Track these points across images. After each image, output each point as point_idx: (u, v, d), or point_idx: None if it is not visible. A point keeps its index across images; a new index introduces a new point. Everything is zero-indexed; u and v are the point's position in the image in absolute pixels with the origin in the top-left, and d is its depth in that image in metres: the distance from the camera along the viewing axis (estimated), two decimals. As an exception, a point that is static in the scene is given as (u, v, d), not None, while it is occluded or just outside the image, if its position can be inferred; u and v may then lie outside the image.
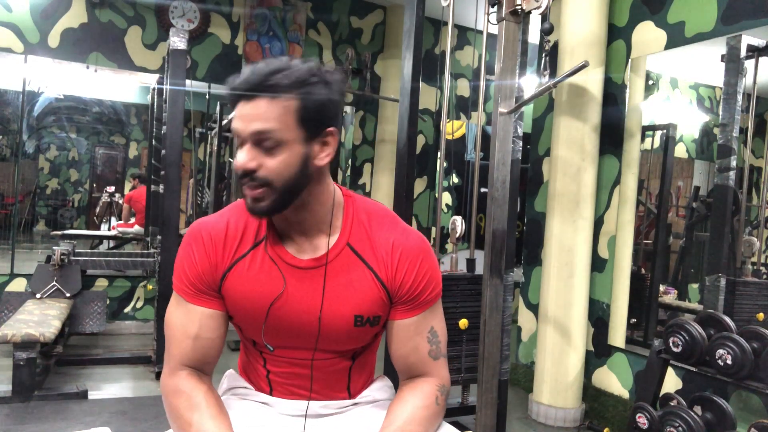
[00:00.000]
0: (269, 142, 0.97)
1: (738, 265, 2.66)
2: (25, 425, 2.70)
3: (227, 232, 1.09)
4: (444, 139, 2.60)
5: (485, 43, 2.31)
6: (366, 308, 1.09)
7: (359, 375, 1.20)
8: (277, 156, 0.98)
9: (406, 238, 1.12)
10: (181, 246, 1.13)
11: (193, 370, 1.11)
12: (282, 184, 0.99)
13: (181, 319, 1.11)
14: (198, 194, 5.38)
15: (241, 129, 0.99)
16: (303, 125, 0.99)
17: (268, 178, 0.99)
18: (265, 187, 0.99)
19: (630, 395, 3.11)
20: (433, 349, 1.14)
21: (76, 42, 4.31)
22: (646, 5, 3.11)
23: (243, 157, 0.98)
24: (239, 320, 1.13)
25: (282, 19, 4.89)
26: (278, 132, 0.97)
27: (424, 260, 1.12)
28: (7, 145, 4.96)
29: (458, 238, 2.33)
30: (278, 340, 1.12)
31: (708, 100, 3.24)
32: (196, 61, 4.59)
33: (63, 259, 3.74)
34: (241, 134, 0.99)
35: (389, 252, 1.10)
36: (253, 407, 1.17)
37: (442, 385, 1.15)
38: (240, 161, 0.98)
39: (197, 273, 1.09)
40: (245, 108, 0.98)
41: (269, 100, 0.96)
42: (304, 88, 0.97)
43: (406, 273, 1.10)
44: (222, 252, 1.09)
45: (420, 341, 1.13)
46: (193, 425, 1.02)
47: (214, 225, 1.11)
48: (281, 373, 1.15)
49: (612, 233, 3.25)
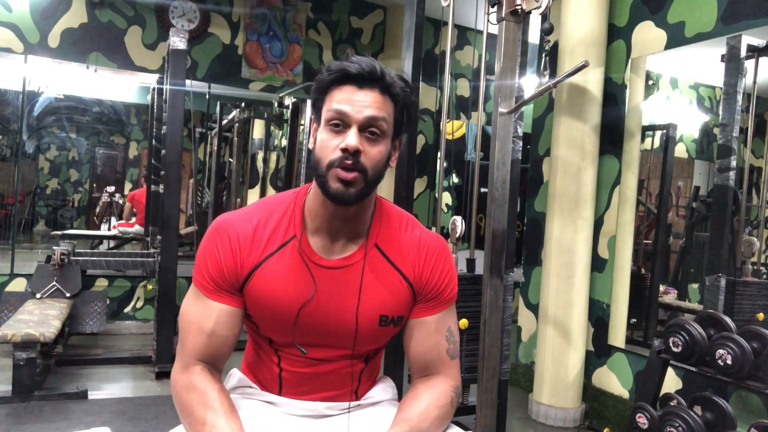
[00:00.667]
0: (377, 131, 1.03)
1: (738, 265, 2.66)
2: (25, 425, 2.70)
3: (255, 231, 1.10)
4: (444, 139, 2.60)
5: (485, 43, 2.31)
6: (391, 308, 1.12)
7: (367, 378, 1.22)
8: (377, 146, 1.04)
9: (429, 237, 1.17)
10: (205, 240, 1.12)
11: (205, 366, 1.10)
12: (373, 174, 1.04)
13: (198, 314, 1.10)
14: (198, 194, 5.38)
15: (352, 112, 1.02)
16: (395, 125, 1.07)
17: (366, 165, 1.02)
18: (361, 174, 1.02)
19: (630, 395, 3.11)
20: (451, 348, 1.16)
21: (76, 42, 4.31)
22: (646, 5, 3.10)
23: (354, 139, 1.01)
24: (261, 319, 1.12)
25: (282, 19, 4.89)
26: (385, 123, 1.04)
27: (447, 258, 1.17)
28: (7, 145, 4.96)
29: (458, 238, 2.32)
30: (307, 340, 1.12)
31: (708, 100, 3.24)
32: (196, 61, 4.59)
33: (63, 259, 3.74)
34: (351, 117, 1.02)
35: (416, 249, 1.13)
36: (260, 407, 1.17)
37: (456, 386, 1.17)
38: (350, 142, 1.00)
39: (220, 269, 1.09)
40: (357, 94, 1.02)
41: (381, 93, 1.03)
42: (404, 92, 1.06)
43: (432, 269, 1.13)
44: (249, 251, 1.09)
45: (440, 339, 1.15)
46: (207, 424, 1.01)
47: (241, 223, 1.11)
48: (296, 373, 1.15)
49: (612, 233, 3.24)
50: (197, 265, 1.11)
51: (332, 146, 1.02)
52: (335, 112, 1.02)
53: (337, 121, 1.02)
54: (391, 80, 1.04)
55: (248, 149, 5.45)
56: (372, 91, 1.03)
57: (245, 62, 4.79)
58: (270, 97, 5.05)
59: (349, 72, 1.03)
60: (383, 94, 1.04)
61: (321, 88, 1.06)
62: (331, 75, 1.04)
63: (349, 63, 1.04)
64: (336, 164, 1.01)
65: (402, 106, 1.07)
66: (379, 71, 1.03)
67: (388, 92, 1.04)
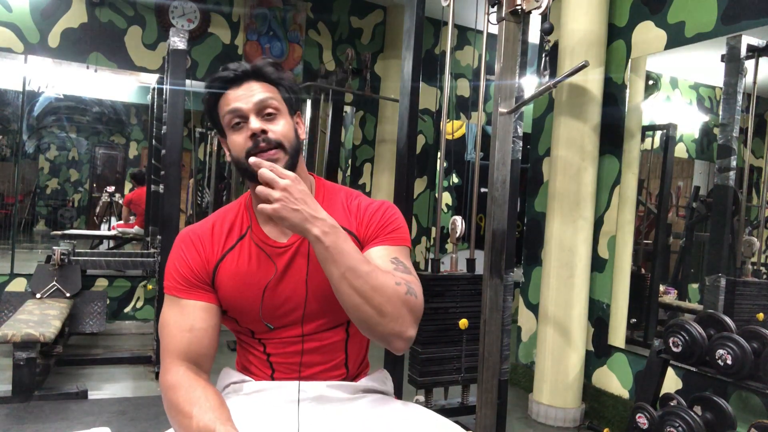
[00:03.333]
0: (271, 110, 1.13)
1: (738, 265, 2.66)
2: (25, 425, 2.70)
3: (213, 230, 1.20)
4: (444, 139, 2.60)
5: (485, 43, 2.31)
6: None
7: (356, 349, 1.24)
8: (278, 121, 1.13)
9: (373, 201, 1.25)
10: (171, 251, 1.21)
11: (190, 365, 1.12)
12: (289, 146, 1.13)
13: (175, 317, 1.14)
14: (198, 194, 5.38)
15: (242, 105, 1.11)
16: (286, 103, 1.17)
17: (278, 139, 1.11)
18: (278, 149, 1.11)
19: (630, 395, 3.11)
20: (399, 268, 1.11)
21: (76, 42, 4.31)
22: (646, 5, 3.10)
23: (256, 123, 1.11)
24: (234, 310, 1.17)
25: (282, 19, 4.89)
26: (275, 101, 1.14)
27: (389, 208, 1.22)
28: (7, 145, 4.96)
29: (458, 238, 2.32)
30: (275, 319, 1.17)
31: (708, 100, 3.24)
32: (196, 61, 4.59)
33: (63, 259, 3.74)
34: (244, 109, 1.11)
35: (357, 211, 1.21)
36: (251, 399, 1.18)
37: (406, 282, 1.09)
38: (254, 126, 1.10)
39: (189, 268, 1.16)
40: (239, 91, 1.13)
41: (258, 82, 1.14)
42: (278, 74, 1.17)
43: (371, 216, 1.20)
44: (211, 247, 1.18)
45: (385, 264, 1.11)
46: (193, 418, 1.02)
47: (200, 227, 1.22)
48: (283, 354, 1.18)
49: (612, 233, 3.24)
50: (168, 273, 1.18)
51: (242, 140, 1.11)
52: (230, 112, 1.12)
53: (236, 119, 1.12)
54: (261, 68, 1.16)
55: (248, 149, 5.44)
56: (250, 83, 1.14)
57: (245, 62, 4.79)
58: (270, 97, 5.04)
59: (225, 77, 1.14)
60: (260, 81, 1.15)
61: (211, 104, 1.17)
62: (212, 88, 1.16)
63: (221, 72, 1.15)
64: (252, 151, 1.10)
65: (283, 87, 1.17)
66: (249, 66, 1.15)
67: (264, 78, 1.15)
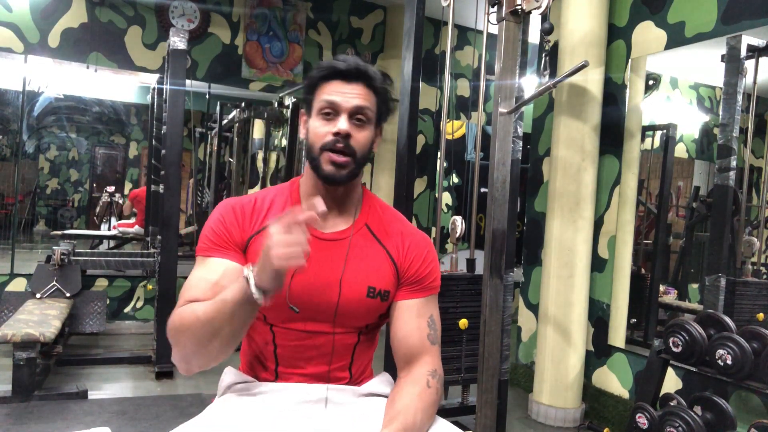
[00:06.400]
0: (363, 117, 1.17)
1: (738, 265, 2.66)
2: (25, 425, 2.70)
3: (255, 204, 1.23)
4: (444, 139, 2.60)
5: (485, 43, 2.31)
6: (378, 280, 1.20)
7: (362, 355, 1.26)
8: (364, 131, 1.18)
9: (414, 231, 1.30)
10: (210, 217, 1.22)
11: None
12: (361, 156, 1.18)
13: (200, 272, 1.16)
14: (198, 194, 5.38)
15: (341, 102, 1.15)
16: (377, 114, 1.21)
17: (355, 148, 1.16)
18: (351, 157, 1.16)
19: (630, 395, 3.11)
20: (431, 333, 1.24)
21: (76, 42, 4.31)
22: (646, 5, 3.10)
23: (345, 124, 1.15)
24: None
25: (282, 19, 4.89)
26: (370, 111, 1.18)
27: (429, 251, 1.28)
28: (7, 145, 4.97)
29: (458, 238, 2.32)
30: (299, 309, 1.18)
31: (708, 100, 3.24)
32: (196, 61, 4.59)
33: (63, 259, 3.74)
34: (341, 106, 1.15)
35: (400, 239, 1.26)
36: (257, 401, 1.18)
37: (434, 369, 1.21)
38: (342, 126, 1.14)
39: (226, 229, 1.18)
40: (345, 87, 1.16)
41: (365, 86, 1.18)
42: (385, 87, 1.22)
43: (414, 257, 1.25)
44: (250, 218, 1.21)
45: (421, 323, 1.23)
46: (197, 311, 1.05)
47: (242, 199, 1.25)
48: (290, 347, 1.19)
49: (612, 233, 3.24)
50: (202, 236, 1.19)
51: (324, 131, 1.15)
52: (327, 102, 1.16)
53: (329, 110, 1.16)
54: (374, 75, 1.19)
55: (248, 149, 5.46)
56: (357, 84, 1.17)
57: (245, 62, 4.79)
58: (270, 97, 5.05)
59: (338, 68, 1.17)
60: (367, 87, 1.18)
61: (312, 84, 1.20)
62: (321, 72, 1.18)
63: (337, 61, 1.18)
64: (328, 147, 1.15)
65: (383, 98, 1.21)
66: (363, 68, 1.18)
67: (371, 86, 1.19)
